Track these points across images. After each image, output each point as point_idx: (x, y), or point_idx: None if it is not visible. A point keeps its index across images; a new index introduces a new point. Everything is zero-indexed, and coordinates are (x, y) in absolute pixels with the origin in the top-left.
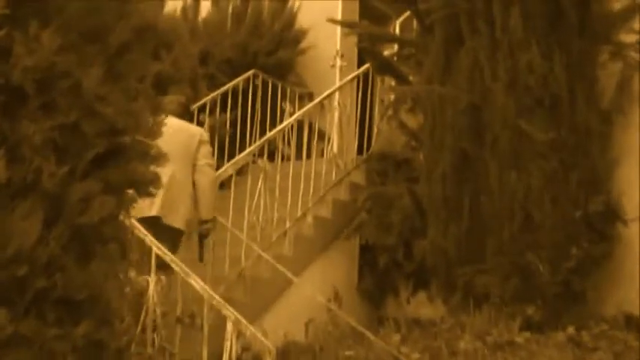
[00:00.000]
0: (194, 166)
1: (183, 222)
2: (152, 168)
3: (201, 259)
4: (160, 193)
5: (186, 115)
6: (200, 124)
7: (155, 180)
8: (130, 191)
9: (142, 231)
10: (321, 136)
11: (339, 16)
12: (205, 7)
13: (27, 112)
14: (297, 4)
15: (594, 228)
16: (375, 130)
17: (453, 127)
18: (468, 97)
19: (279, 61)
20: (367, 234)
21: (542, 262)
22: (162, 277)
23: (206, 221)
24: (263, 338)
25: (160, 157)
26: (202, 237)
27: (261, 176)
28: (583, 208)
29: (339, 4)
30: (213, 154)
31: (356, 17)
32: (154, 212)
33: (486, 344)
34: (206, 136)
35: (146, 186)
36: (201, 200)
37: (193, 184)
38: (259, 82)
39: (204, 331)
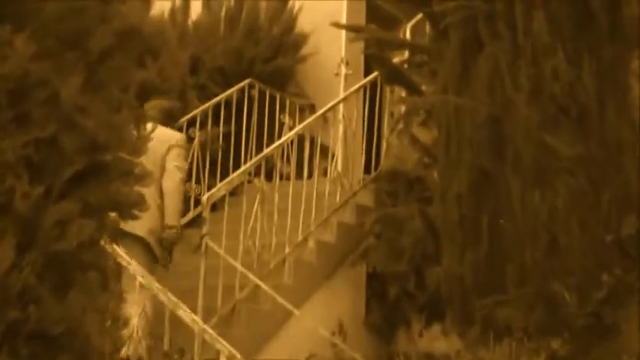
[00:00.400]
0: (163, 170)
1: (144, 229)
2: (136, 188)
3: (165, 265)
4: None
5: (169, 121)
6: (190, 139)
7: (140, 201)
8: (112, 214)
9: (125, 258)
10: (324, 152)
11: (343, 20)
12: (195, 9)
13: None
14: (297, 5)
15: (627, 253)
16: (384, 145)
17: (471, 142)
18: (487, 109)
19: (278, 69)
20: (375, 260)
21: (570, 291)
22: (148, 307)
23: (171, 227)
24: None
25: (145, 176)
26: (168, 244)
27: (258, 197)
28: (615, 231)
29: (344, 5)
30: (187, 158)
31: (362, 21)
32: None
33: None
34: (181, 140)
35: (130, 208)
36: (166, 204)
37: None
38: (255, 93)
39: None
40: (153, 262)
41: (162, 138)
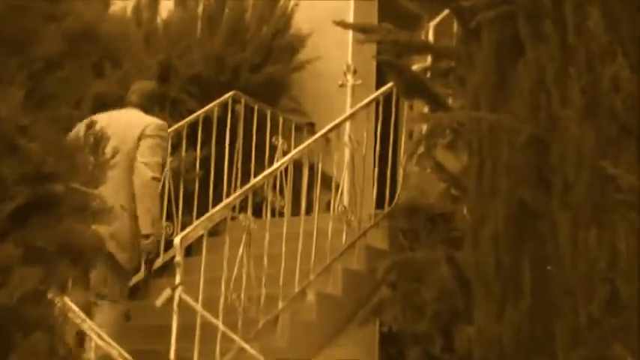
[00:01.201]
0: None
1: (115, 243)
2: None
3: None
4: None
5: (153, 107)
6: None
7: (98, 244)
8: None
9: (79, 315)
10: (327, 182)
11: (350, 18)
12: (166, 4)
13: None
14: (292, 1)
15: None
16: (401, 174)
17: (509, 169)
18: (530, 128)
19: (269, 78)
20: (390, 317)
21: (633, 354)
22: None
23: (147, 236)
24: None
25: (103, 212)
26: (145, 255)
27: (244, 238)
28: None
29: (351, 1)
30: (163, 150)
31: (374, 19)
32: None
33: None
34: (154, 128)
35: (85, 253)
36: (138, 209)
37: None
38: (241, 108)
39: None
40: (118, 275)
41: (129, 124)
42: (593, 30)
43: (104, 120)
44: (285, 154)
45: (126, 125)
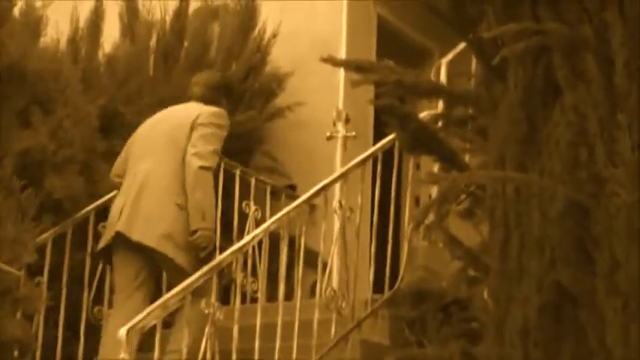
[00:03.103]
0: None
1: (157, 238)
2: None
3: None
4: (128, 201)
5: (219, 99)
6: (97, 235)
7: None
8: None
9: None
10: (312, 260)
11: (342, 53)
12: (110, 36)
13: None
14: (269, 30)
15: None
16: (405, 249)
17: (542, 244)
18: (568, 191)
19: (239, 129)
20: None
21: None
22: None
23: (195, 231)
24: None
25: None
26: (200, 252)
27: (207, 329)
28: None
29: (343, 30)
30: (216, 138)
31: (372, 54)
32: (118, 227)
33: None
34: (207, 116)
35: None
36: (188, 204)
37: None
38: None
39: None
40: (181, 280)
41: (182, 115)
42: None
43: (157, 116)
44: (258, 224)
45: (179, 119)
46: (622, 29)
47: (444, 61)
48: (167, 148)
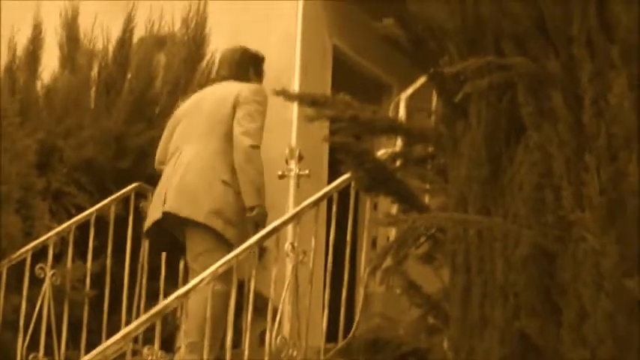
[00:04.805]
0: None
1: (203, 213)
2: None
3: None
4: (173, 182)
5: (247, 71)
6: (33, 277)
7: None
8: None
9: None
10: (261, 307)
11: (295, 86)
12: (49, 66)
13: None
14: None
15: None
16: (361, 294)
17: (506, 292)
18: (533, 236)
19: None
20: None
21: None
22: None
23: (252, 208)
24: None
25: None
26: (256, 228)
27: None
28: None
29: (297, 62)
30: (259, 114)
31: (327, 88)
32: (165, 208)
33: None
34: (249, 94)
35: None
36: (240, 182)
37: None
38: (147, 205)
39: None
40: (225, 247)
41: (222, 94)
42: (616, 106)
43: (195, 97)
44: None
45: (219, 98)
46: (590, 65)
47: (403, 96)
48: (210, 128)
